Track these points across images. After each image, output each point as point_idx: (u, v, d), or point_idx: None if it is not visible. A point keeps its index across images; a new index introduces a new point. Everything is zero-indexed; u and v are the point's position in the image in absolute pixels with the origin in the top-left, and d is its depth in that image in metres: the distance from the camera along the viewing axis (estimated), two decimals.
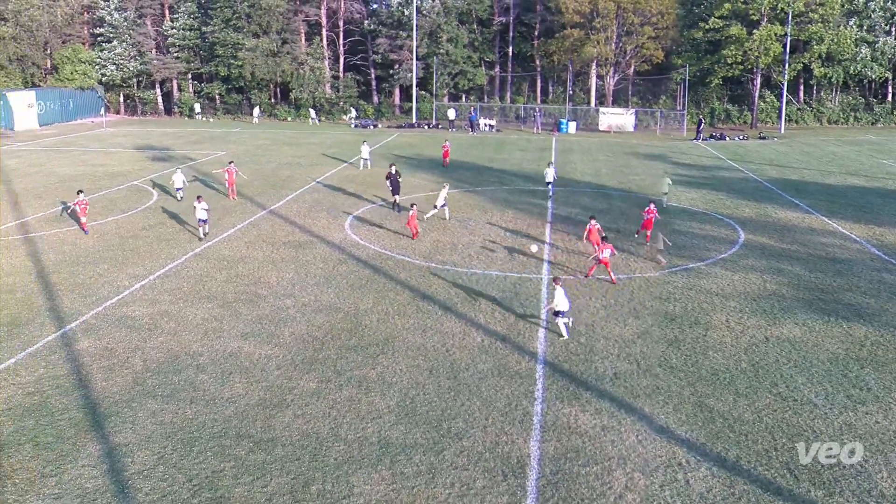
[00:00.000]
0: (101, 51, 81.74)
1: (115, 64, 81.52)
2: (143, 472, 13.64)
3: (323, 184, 41.70)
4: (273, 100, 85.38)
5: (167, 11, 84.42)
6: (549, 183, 37.64)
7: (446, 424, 15.27)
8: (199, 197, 29.98)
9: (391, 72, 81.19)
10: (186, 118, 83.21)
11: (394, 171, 34.59)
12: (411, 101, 79.54)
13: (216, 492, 13.07)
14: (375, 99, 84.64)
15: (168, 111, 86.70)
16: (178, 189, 36.76)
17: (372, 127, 74.75)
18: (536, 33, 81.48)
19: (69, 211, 31.84)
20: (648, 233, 27.86)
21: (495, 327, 20.45)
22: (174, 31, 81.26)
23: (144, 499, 12.89)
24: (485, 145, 60.41)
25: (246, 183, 39.01)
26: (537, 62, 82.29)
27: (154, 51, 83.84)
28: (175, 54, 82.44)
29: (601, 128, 71.73)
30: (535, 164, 49.52)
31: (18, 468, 13.76)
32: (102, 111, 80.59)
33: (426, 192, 38.90)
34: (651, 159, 52.68)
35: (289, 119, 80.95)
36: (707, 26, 69.53)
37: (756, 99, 74.58)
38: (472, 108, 74.72)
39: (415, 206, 29.64)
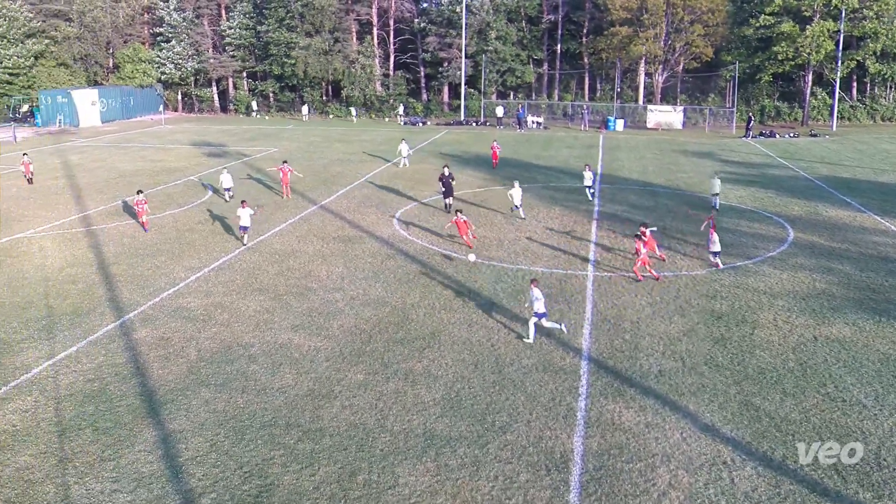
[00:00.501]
0: (161, 50, 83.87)
1: (173, 63, 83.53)
2: (196, 458, 14.09)
3: (372, 180, 42.20)
4: (325, 97, 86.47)
5: (223, 11, 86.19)
6: (588, 187, 36.12)
7: (490, 418, 15.45)
8: (243, 202, 28.71)
9: (440, 70, 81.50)
10: (241, 115, 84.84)
11: (447, 173, 33.73)
12: (460, 99, 79.89)
13: (266, 479, 13.43)
14: (424, 96, 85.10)
15: (224, 108, 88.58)
16: (226, 189, 36.50)
17: (421, 124, 75.27)
18: (585, 31, 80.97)
19: (142, 222, 30.94)
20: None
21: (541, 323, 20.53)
22: (230, 30, 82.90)
23: (197, 484, 13.31)
24: (532, 142, 60.33)
25: (298, 179, 39.62)
26: (585, 60, 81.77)
27: (211, 50, 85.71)
28: (231, 53, 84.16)
29: (649, 125, 71.04)
30: (581, 162, 48.96)
31: (79, 451, 14.32)
32: (161, 108, 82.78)
33: (473, 189, 39.12)
34: (699, 157, 52.04)
35: (331, 116, 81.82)
36: (758, 23, 68.18)
37: (807, 96, 72.90)
38: (520, 106, 74.66)
39: (460, 213, 28.08)
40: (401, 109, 78.81)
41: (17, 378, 17.34)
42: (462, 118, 77.45)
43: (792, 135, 64.78)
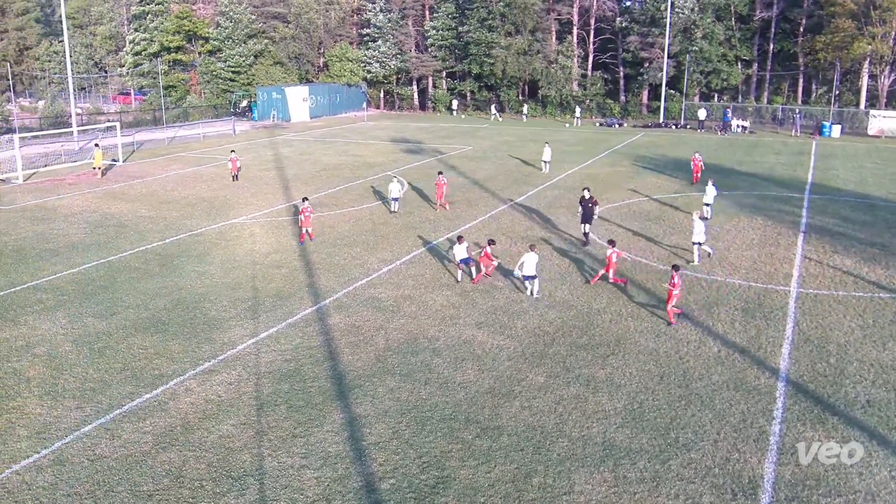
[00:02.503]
0: (367, 49, 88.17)
1: (378, 62, 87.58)
2: (378, 444, 14.56)
3: (563, 181, 41.86)
4: (521, 97, 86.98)
5: (427, 12, 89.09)
6: (707, 204, 32.51)
7: (674, 433, 14.81)
8: (459, 238, 25.13)
9: (640, 70, 79.42)
10: (439, 114, 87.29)
11: (587, 196, 29.01)
12: (659, 101, 77.40)
13: (443, 471, 13.65)
14: (622, 98, 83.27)
15: (422, 106, 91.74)
16: (394, 199, 34.14)
17: (617, 126, 73.72)
18: (801, 29, 75.55)
19: (307, 231, 29.01)
20: None
21: (734, 338, 19.45)
22: (433, 31, 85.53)
23: (378, 469, 13.75)
24: (735, 147, 57.29)
25: (490, 177, 40.02)
26: (800, 60, 76.30)
27: (413, 49, 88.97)
28: (433, 53, 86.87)
29: (870, 132, 65.11)
30: (789, 170, 46.19)
31: (274, 426, 15.26)
32: (364, 106, 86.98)
33: (668, 195, 37.78)
34: None
35: (519, 117, 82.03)
36: None
37: None
38: (726, 109, 70.95)
39: (490, 246, 24.56)
40: (577, 111, 77.56)
41: (225, 353, 18.81)
42: (661, 120, 74.97)
43: None
